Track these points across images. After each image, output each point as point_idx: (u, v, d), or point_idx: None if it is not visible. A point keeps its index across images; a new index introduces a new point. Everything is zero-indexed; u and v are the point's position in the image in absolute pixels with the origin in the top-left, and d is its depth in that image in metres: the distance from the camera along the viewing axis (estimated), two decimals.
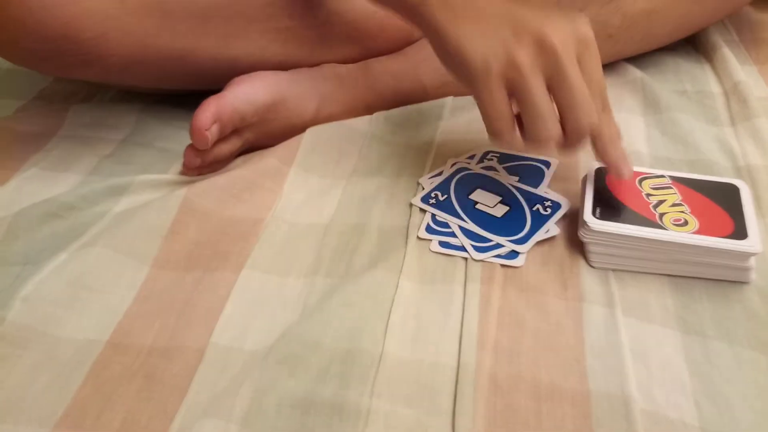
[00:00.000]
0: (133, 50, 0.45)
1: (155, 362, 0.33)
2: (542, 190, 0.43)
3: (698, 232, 0.36)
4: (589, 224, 0.37)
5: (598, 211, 0.38)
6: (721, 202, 0.38)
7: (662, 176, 0.40)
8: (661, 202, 0.38)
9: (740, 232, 0.35)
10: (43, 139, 0.51)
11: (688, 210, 0.37)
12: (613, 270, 0.37)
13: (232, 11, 0.48)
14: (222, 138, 0.45)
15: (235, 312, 0.36)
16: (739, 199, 0.38)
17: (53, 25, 0.41)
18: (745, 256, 0.35)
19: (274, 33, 0.51)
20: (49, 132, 0.52)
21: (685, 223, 0.36)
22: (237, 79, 0.47)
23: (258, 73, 0.48)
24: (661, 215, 0.37)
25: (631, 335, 0.33)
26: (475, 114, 0.52)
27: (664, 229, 0.36)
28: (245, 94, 0.45)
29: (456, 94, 0.54)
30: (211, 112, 0.43)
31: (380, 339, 0.33)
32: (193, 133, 0.42)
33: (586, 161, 0.44)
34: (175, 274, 0.38)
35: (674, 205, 0.38)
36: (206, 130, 0.42)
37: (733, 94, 0.51)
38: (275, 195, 0.44)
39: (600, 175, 0.41)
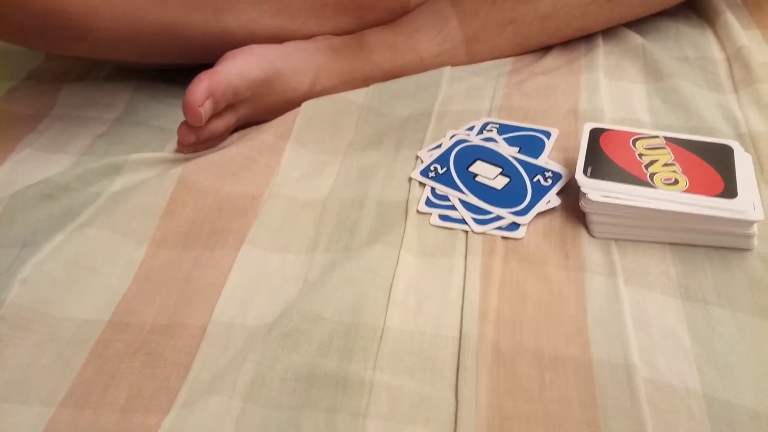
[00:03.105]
0: (122, 24, 0.44)
1: (157, 339, 0.33)
2: (543, 160, 0.42)
3: (688, 190, 0.36)
4: (582, 184, 0.37)
5: (589, 170, 0.37)
6: (714, 162, 0.38)
7: (656, 137, 0.40)
8: (653, 161, 0.38)
9: (730, 191, 0.35)
10: (35, 119, 0.51)
11: (680, 169, 0.37)
12: (615, 240, 0.37)
13: None
14: (216, 114, 0.44)
15: (235, 288, 0.35)
16: (732, 160, 0.38)
17: (40, 0, 0.41)
18: (747, 223, 0.34)
19: (265, 5, 0.50)
20: (41, 112, 0.52)
21: (675, 182, 0.36)
22: (230, 54, 0.46)
23: (251, 46, 0.47)
24: (652, 175, 0.37)
25: (632, 303, 0.33)
26: (474, 83, 0.52)
27: (654, 188, 0.36)
28: (238, 69, 0.45)
29: (453, 64, 0.53)
30: (203, 87, 0.42)
31: (382, 312, 0.33)
32: (186, 109, 0.42)
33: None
34: (173, 253, 0.38)
35: (666, 164, 0.38)
36: (199, 106, 0.41)
37: (736, 60, 0.50)
38: (272, 171, 0.44)
39: (594, 135, 0.40)
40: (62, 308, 0.34)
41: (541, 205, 0.39)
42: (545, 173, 0.41)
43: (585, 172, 0.38)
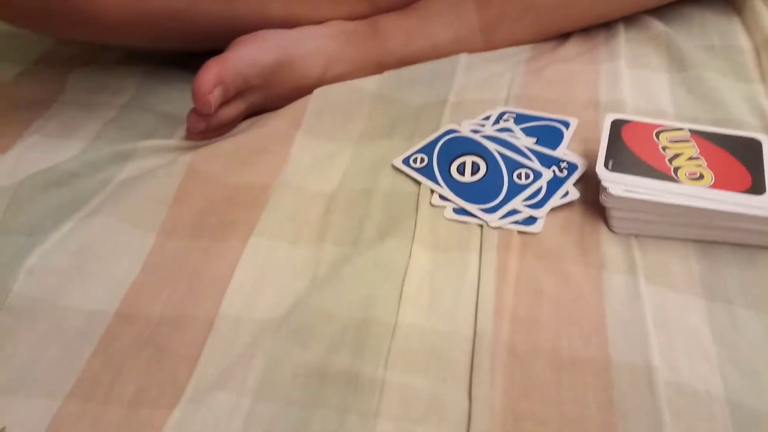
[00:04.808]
0: (128, 10, 0.43)
1: (165, 332, 0.32)
2: (561, 151, 0.41)
3: (714, 186, 0.34)
4: (603, 177, 0.35)
5: (611, 163, 0.36)
6: (741, 157, 0.36)
7: (681, 129, 0.39)
8: (677, 155, 0.37)
9: (758, 187, 0.34)
10: (44, 104, 0.50)
11: (705, 164, 0.36)
12: (636, 235, 0.35)
13: None
14: (226, 101, 0.43)
15: (244, 281, 0.35)
16: (760, 154, 0.36)
17: None
18: None
19: None
20: (50, 97, 0.51)
21: (701, 177, 0.35)
22: (240, 40, 0.45)
23: (262, 32, 0.46)
24: (676, 169, 0.36)
25: (653, 303, 0.32)
26: (492, 71, 0.50)
27: (678, 182, 0.34)
28: (249, 56, 0.43)
29: (469, 51, 0.52)
30: (213, 74, 0.41)
31: (394, 308, 0.32)
32: (195, 96, 0.41)
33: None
34: (182, 243, 0.37)
35: (691, 158, 0.36)
36: (208, 93, 0.41)
37: (764, 49, 0.48)
38: (282, 160, 0.43)
39: (616, 127, 0.39)
40: (69, 298, 0.34)
41: (557, 198, 0.37)
42: (560, 164, 0.40)
43: (606, 164, 0.36)
